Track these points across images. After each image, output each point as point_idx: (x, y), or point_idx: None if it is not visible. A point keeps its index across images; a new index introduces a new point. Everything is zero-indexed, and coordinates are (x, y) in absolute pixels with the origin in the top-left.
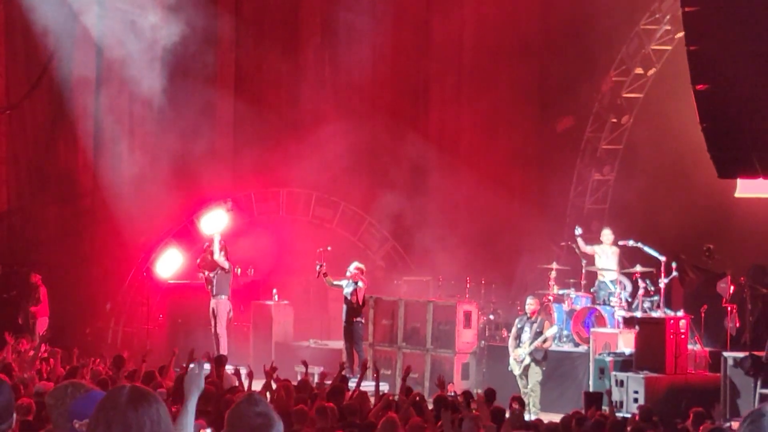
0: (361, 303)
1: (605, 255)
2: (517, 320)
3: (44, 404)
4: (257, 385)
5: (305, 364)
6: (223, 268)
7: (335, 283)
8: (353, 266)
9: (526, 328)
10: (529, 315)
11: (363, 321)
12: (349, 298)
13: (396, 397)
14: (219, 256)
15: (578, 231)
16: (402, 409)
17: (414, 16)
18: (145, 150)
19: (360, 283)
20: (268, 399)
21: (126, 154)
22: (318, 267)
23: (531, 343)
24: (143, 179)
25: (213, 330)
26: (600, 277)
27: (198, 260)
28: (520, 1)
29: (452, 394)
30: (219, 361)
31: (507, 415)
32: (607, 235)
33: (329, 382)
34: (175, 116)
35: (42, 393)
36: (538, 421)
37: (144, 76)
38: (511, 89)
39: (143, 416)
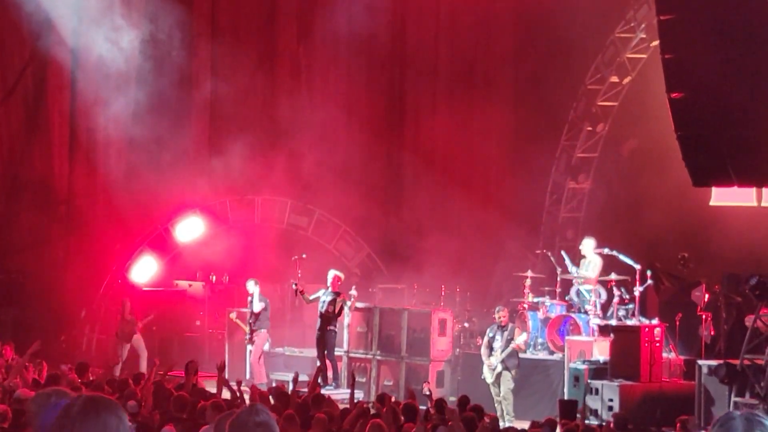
0: (337, 312)
1: (585, 266)
2: (488, 329)
3: (22, 411)
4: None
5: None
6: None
7: (312, 297)
8: (332, 274)
9: (498, 337)
10: (500, 323)
11: (336, 330)
12: (326, 307)
13: (370, 405)
14: (257, 305)
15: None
16: (383, 416)
17: (389, 25)
18: (119, 158)
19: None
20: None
21: (101, 161)
22: (294, 286)
23: (503, 351)
24: (118, 187)
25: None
26: (575, 285)
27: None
28: (495, 10)
29: (427, 392)
30: (189, 369)
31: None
32: (586, 244)
33: (305, 390)
34: (150, 124)
35: (21, 400)
36: (512, 429)
37: (119, 84)
38: (486, 97)
39: (90, 429)
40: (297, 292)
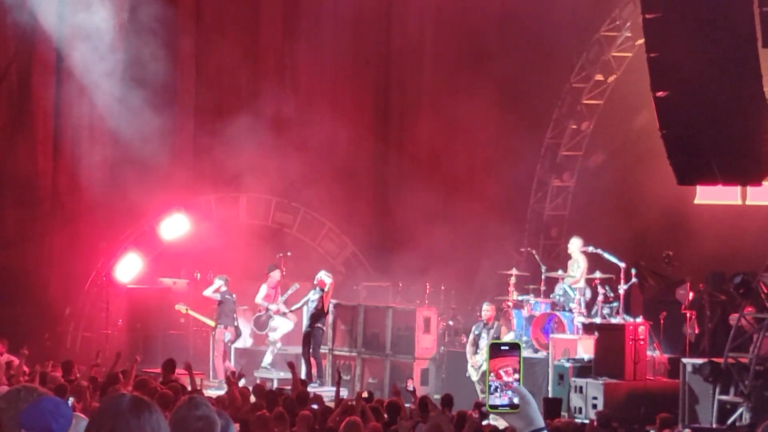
0: (325, 311)
1: (572, 267)
2: (474, 327)
3: None
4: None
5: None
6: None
7: (295, 307)
8: (321, 275)
9: (484, 335)
10: (485, 321)
11: (324, 328)
12: (315, 304)
13: (354, 402)
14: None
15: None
16: (362, 413)
17: (375, 23)
18: (104, 155)
19: (326, 288)
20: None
21: (86, 158)
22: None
23: None
24: (103, 184)
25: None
26: (560, 283)
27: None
28: (479, 8)
29: (411, 388)
30: (167, 366)
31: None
32: (573, 244)
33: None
34: (135, 121)
35: None
36: (493, 428)
37: (104, 81)
38: (471, 95)
39: (145, 424)
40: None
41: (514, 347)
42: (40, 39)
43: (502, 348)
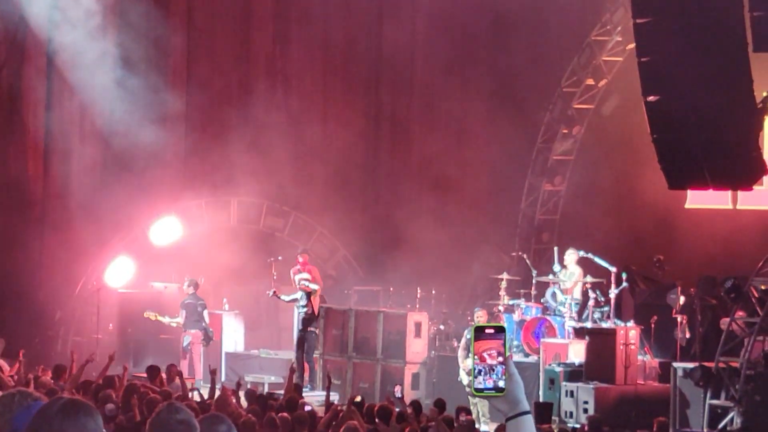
0: (316, 314)
1: (567, 276)
2: (465, 331)
3: None
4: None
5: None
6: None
7: (288, 298)
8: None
9: None
10: None
11: (317, 332)
12: (305, 309)
13: (344, 407)
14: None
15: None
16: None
17: (366, 25)
18: (95, 159)
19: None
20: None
21: (76, 162)
22: (270, 294)
23: None
24: (94, 188)
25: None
26: (551, 288)
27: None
28: (471, 12)
29: (399, 395)
30: (151, 372)
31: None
32: (569, 255)
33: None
34: (126, 126)
35: None
36: None
37: (95, 85)
38: (463, 100)
39: (69, 428)
40: (274, 295)
41: (499, 330)
42: (30, 43)
43: (487, 331)
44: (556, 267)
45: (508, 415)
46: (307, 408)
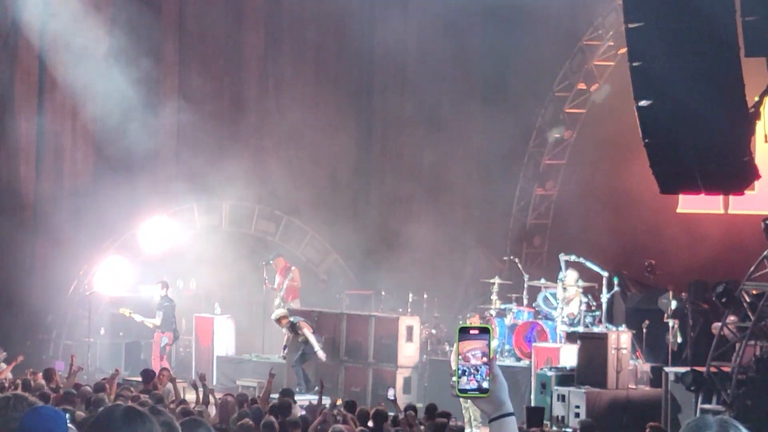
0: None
1: (564, 292)
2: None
3: None
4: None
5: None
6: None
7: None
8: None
9: None
10: None
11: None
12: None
13: (336, 411)
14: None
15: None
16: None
17: (357, 29)
18: (87, 162)
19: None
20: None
21: (68, 165)
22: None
23: None
24: (85, 191)
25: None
26: (542, 292)
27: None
28: (463, 16)
29: (392, 397)
30: (145, 376)
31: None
32: (570, 276)
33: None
34: (117, 129)
35: None
36: None
37: (87, 88)
38: (455, 104)
39: None
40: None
41: (484, 331)
42: (22, 47)
43: (471, 332)
44: (562, 275)
45: (492, 417)
46: (301, 413)
